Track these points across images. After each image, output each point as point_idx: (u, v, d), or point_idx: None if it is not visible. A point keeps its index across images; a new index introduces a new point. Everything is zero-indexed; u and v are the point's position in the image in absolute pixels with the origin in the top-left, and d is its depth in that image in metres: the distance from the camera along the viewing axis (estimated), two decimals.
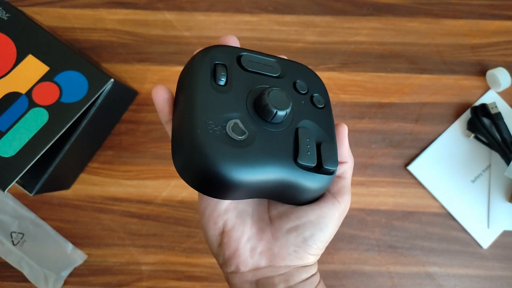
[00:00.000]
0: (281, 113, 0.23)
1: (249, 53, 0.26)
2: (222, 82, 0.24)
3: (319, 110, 0.26)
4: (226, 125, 0.22)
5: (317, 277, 0.26)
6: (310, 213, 0.25)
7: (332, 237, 0.26)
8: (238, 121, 0.22)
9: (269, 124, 0.24)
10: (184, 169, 0.22)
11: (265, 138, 0.23)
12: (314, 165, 0.24)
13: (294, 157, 0.23)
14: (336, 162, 0.25)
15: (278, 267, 0.25)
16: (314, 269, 0.26)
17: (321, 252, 0.26)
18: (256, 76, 0.25)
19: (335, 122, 0.28)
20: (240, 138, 0.22)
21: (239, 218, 0.25)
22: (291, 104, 0.23)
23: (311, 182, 0.24)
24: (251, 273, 0.25)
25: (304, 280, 0.25)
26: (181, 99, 0.24)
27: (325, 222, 0.25)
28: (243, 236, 0.25)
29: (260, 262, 0.25)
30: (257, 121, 0.23)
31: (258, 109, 0.23)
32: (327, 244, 0.26)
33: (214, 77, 0.24)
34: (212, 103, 0.22)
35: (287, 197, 0.25)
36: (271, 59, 0.26)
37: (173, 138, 0.23)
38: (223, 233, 0.25)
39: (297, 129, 0.24)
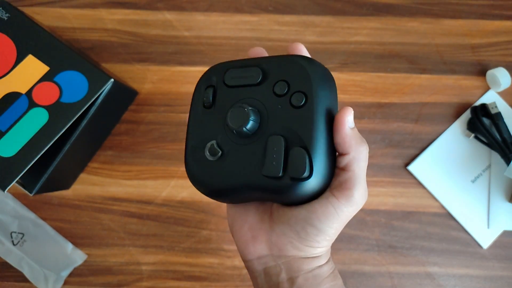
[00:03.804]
0: (242, 130, 0.25)
1: (233, 68, 0.27)
2: (208, 104, 0.27)
3: (298, 110, 0.25)
4: (206, 148, 0.26)
5: (325, 270, 0.26)
6: (300, 208, 0.25)
7: (331, 232, 0.25)
8: (214, 142, 0.26)
9: (242, 139, 0.25)
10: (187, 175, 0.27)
11: (237, 154, 0.25)
12: (279, 175, 0.24)
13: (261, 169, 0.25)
14: (305, 169, 0.23)
15: (278, 256, 0.26)
16: (320, 261, 0.26)
17: (322, 245, 0.25)
18: (238, 90, 0.27)
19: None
20: (213, 158, 0.26)
21: (243, 207, 0.28)
22: (252, 118, 0.25)
23: (282, 189, 0.24)
24: (257, 261, 0.27)
25: (309, 271, 0.25)
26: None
27: (317, 217, 0.24)
28: (245, 224, 0.27)
29: (262, 251, 0.26)
30: (233, 137, 0.26)
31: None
32: (326, 238, 0.25)
33: (203, 99, 0.27)
34: (198, 128, 0.27)
35: (274, 201, 0.27)
36: (253, 67, 0.27)
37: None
38: (232, 223, 0.28)
39: (268, 138, 0.25)
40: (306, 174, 0.24)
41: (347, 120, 0.24)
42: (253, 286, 0.28)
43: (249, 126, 0.25)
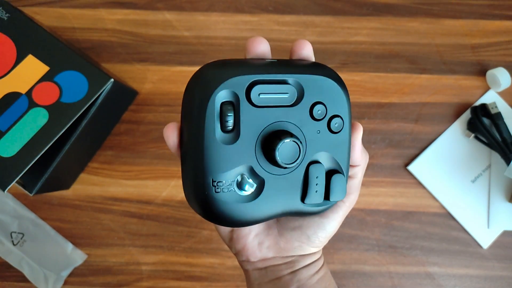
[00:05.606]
0: (291, 166, 0.23)
1: (261, 80, 0.23)
2: (229, 127, 0.22)
3: (335, 135, 0.25)
4: (234, 181, 0.23)
5: (321, 261, 0.29)
6: (314, 215, 0.27)
7: (334, 232, 0.28)
8: (245, 175, 0.23)
9: (280, 169, 0.24)
10: (197, 212, 0.25)
11: (274, 185, 0.24)
12: (321, 201, 0.25)
13: (302, 197, 0.24)
14: (343, 193, 0.25)
15: (284, 257, 0.28)
16: (318, 255, 0.29)
17: (324, 244, 0.28)
18: (268, 110, 0.23)
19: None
20: (247, 193, 0.23)
21: None
22: (302, 151, 0.23)
23: (316, 209, 0.25)
24: (260, 262, 0.28)
25: (308, 265, 0.28)
26: (187, 147, 0.23)
27: (328, 222, 0.27)
28: (251, 233, 0.28)
29: (267, 254, 0.28)
30: (267, 166, 0.23)
31: (268, 158, 0.23)
32: (329, 237, 0.28)
33: (221, 120, 0.22)
34: (219, 159, 0.22)
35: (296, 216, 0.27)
36: (287, 82, 0.23)
37: (183, 184, 0.24)
38: (232, 231, 0.28)
39: (308, 165, 0.24)
40: (344, 196, 0.25)
41: (361, 137, 0.26)
42: (247, 277, 0.29)
43: (299, 160, 0.23)
